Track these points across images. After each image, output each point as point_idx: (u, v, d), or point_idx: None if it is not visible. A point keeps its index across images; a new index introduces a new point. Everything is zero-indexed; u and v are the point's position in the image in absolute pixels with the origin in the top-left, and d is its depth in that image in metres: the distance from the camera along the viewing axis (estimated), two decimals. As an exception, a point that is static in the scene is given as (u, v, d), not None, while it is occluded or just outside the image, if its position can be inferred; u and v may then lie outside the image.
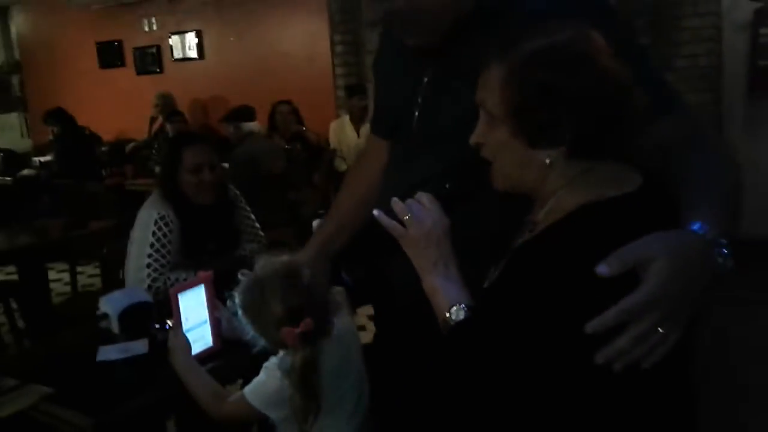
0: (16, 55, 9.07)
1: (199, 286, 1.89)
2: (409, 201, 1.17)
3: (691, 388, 1.14)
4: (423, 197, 1.18)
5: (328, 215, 1.75)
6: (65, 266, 4.75)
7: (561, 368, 1.01)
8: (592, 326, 0.95)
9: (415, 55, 1.41)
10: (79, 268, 4.74)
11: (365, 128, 5.76)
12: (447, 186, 1.21)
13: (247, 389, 1.59)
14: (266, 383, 1.57)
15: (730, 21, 4.88)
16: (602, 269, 0.94)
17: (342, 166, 5.75)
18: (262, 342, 1.55)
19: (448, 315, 1.11)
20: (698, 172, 1.16)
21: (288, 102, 6.04)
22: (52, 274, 5.83)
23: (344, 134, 5.87)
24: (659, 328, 0.96)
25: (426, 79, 1.41)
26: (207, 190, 2.56)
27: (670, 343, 0.97)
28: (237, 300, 1.55)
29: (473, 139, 1.15)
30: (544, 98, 1.04)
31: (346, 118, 5.92)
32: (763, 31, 4.75)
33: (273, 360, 1.59)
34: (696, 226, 1.03)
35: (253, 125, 5.26)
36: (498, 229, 1.22)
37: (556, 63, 1.04)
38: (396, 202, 1.17)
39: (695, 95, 4.84)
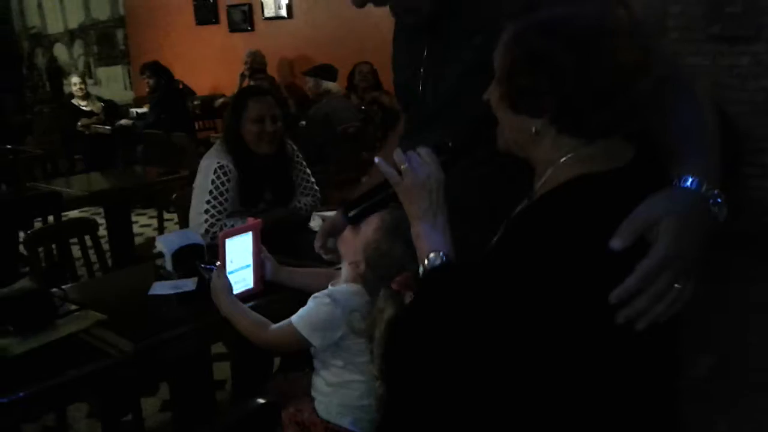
0: (121, 10, 9.51)
1: (248, 232, 2.01)
2: (409, 152, 1.24)
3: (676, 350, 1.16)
4: (422, 150, 1.24)
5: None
6: (156, 213, 5.06)
7: (537, 330, 1.04)
8: (616, 296, 0.99)
9: (415, 31, 1.54)
10: (168, 215, 5.05)
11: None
12: (450, 144, 1.26)
13: (295, 317, 1.70)
14: (316, 311, 1.68)
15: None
16: (616, 244, 0.98)
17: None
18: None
19: (426, 261, 1.17)
20: (682, 120, 1.18)
21: (368, 63, 6.12)
22: (143, 220, 6.23)
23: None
24: (675, 285, 1.01)
25: (425, 53, 1.52)
26: (268, 140, 2.70)
27: (686, 296, 1.03)
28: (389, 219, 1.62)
29: (485, 96, 1.19)
30: (530, 66, 1.06)
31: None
32: None
33: (323, 292, 1.71)
34: (688, 182, 1.07)
35: (332, 85, 5.39)
36: (502, 197, 1.27)
37: (554, 34, 1.04)
38: (397, 153, 1.24)
39: (788, 67, 4.60)
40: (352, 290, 1.69)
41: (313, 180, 2.91)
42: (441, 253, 1.17)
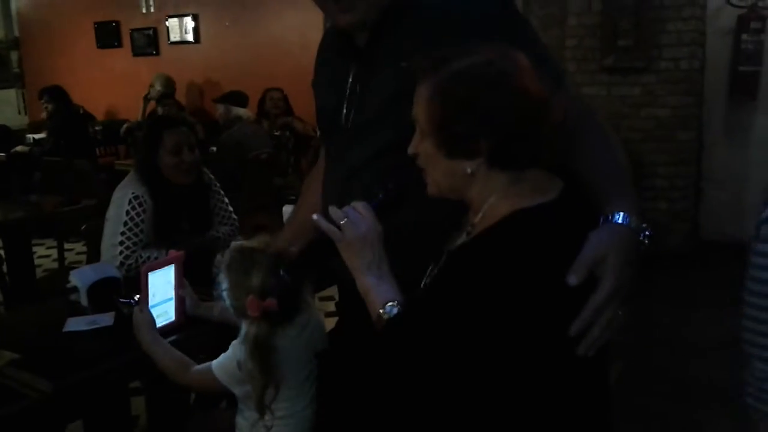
0: (16, 31, 9.09)
1: (170, 265, 1.98)
2: (346, 208, 1.26)
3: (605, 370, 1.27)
4: (358, 205, 1.26)
5: (291, 217, 1.89)
6: (55, 243, 4.83)
7: (491, 361, 1.12)
8: (575, 328, 1.10)
9: (340, 55, 1.54)
10: (68, 245, 4.84)
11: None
12: (380, 196, 1.30)
13: (215, 363, 1.67)
14: (233, 360, 1.64)
15: (713, 26, 4.96)
16: (572, 279, 1.09)
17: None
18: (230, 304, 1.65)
19: (381, 311, 1.19)
20: (599, 158, 1.29)
21: (279, 89, 6.12)
22: (41, 251, 5.93)
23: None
24: (618, 311, 1.13)
25: (351, 78, 1.51)
26: (187, 170, 2.66)
27: (622, 320, 1.14)
28: (225, 259, 1.66)
29: (410, 150, 1.24)
30: (462, 114, 1.13)
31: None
32: (744, 37, 4.83)
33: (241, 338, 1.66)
34: (619, 218, 1.18)
35: (242, 111, 5.36)
36: (430, 235, 1.32)
37: (475, 81, 1.13)
38: (334, 210, 1.25)
39: (675, 98, 4.93)
40: None
41: (231, 209, 2.88)
42: (395, 303, 1.20)
